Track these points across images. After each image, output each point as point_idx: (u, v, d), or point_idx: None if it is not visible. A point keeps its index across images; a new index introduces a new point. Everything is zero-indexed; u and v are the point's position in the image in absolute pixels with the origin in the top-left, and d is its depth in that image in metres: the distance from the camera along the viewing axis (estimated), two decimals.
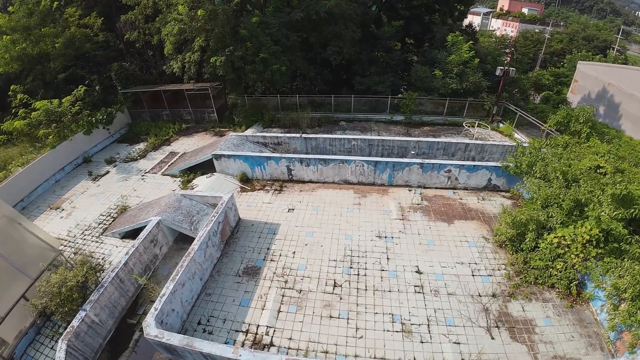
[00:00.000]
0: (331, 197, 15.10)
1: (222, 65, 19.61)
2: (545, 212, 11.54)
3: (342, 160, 15.02)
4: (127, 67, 25.98)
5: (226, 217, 13.08)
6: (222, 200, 13.19)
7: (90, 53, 26.22)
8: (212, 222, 12.18)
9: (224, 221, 12.91)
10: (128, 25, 24.60)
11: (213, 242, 12.16)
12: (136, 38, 24.05)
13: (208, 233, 11.87)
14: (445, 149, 16.54)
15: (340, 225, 13.50)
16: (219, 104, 23.48)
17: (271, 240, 13.11)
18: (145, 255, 12.47)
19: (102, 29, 26.32)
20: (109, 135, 23.25)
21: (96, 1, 28.51)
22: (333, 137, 17.01)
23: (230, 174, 16.83)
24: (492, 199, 14.62)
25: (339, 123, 21.55)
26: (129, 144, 22.64)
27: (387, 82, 22.62)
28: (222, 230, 12.80)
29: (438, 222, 13.36)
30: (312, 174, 15.71)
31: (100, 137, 22.56)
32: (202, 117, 23.87)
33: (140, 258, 12.23)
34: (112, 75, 25.63)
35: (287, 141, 17.76)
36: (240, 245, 13.06)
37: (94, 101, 24.65)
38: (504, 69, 19.94)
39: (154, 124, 24.34)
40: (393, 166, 14.72)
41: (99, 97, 25.22)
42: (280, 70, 20.36)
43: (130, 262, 11.74)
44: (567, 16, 72.21)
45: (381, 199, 14.72)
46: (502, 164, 14.20)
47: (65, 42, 24.04)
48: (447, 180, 14.85)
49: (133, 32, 24.06)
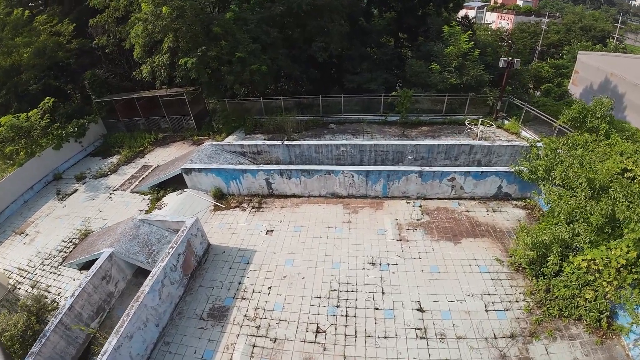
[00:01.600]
0: (317, 214, 12.68)
1: (195, 67, 17.21)
2: (570, 228, 9.16)
3: (328, 170, 12.61)
4: (100, 74, 23.65)
5: (189, 246, 10.72)
6: (184, 227, 10.82)
7: (63, 62, 23.95)
8: (170, 256, 9.83)
9: (186, 252, 10.55)
10: (99, 29, 22.25)
11: (172, 279, 9.81)
12: (105, 43, 21.68)
13: (163, 270, 9.52)
14: (447, 152, 14.11)
15: (326, 250, 11.10)
16: (196, 110, 21.07)
17: (244, 272, 10.72)
18: (97, 295, 10.16)
19: (75, 35, 24.04)
20: (82, 149, 20.95)
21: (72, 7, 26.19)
22: (319, 144, 14.60)
23: (203, 190, 14.45)
24: (503, 210, 12.19)
25: (329, 126, 19.13)
26: (102, 158, 20.32)
27: (380, 79, 20.17)
28: (184, 263, 10.44)
29: (442, 242, 10.94)
30: (295, 188, 13.31)
31: (73, 151, 20.26)
32: (179, 125, 21.47)
33: (90, 299, 9.93)
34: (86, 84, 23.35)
35: (267, 149, 15.35)
36: (207, 279, 10.69)
37: (69, 112, 22.40)
38: (507, 60, 17.48)
39: (129, 134, 21.99)
40: (387, 176, 12.31)
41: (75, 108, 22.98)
42: (260, 70, 17.93)
43: (77, 306, 9.51)
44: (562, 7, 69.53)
45: (375, 214, 12.30)
46: (514, 168, 11.76)
47: (35, 51, 21.84)
48: (450, 189, 12.43)
49: (102, 37, 21.71)
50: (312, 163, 15.06)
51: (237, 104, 20.76)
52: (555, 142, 12.12)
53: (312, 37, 19.15)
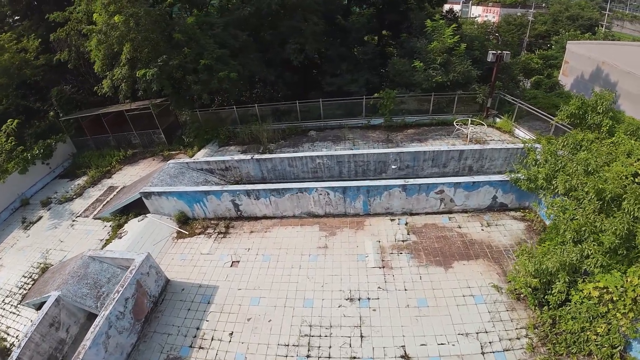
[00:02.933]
0: (290, 238, 11.01)
1: (156, 78, 15.52)
2: (578, 249, 7.58)
3: (300, 188, 10.95)
4: (67, 90, 21.90)
5: (140, 287, 9.07)
6: (133, 266, 9.17)
7: (31, 79, 22.20)
8: (115, 302, 8.23)
9: (137, 294, 8.90)
10: (61, 43, 20.52)
11: (120, 327, 8.21)
12: (67, 57, 19.94)
13: (107, 319, 7.90)
14: (435, 159, 12.46)
15: (297, 283, 9.43)
16: (166, 123, 19.33)
17: (203, 314, 9.06)
18: (46, 344, 8.70)
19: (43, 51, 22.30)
20: (50, 171, 19.10)
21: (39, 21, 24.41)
22: (293, 157, 12.92)
23: (166, 214, 12.75)
24: (500, 223, 10.57)
25: (308, 133, 17.47)
26: (69, 180, 18.48)
27: (362, 80, 18.51)
28: (135, 307, 8.80)
29: (431, 268, 9.30)
30: (266, 209, 11.64)
31: (40, 173, 18.41)
32: (150, 140, 19.70)
33: (39, 348, 8.51)
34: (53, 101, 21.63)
35: (236, 165, 13.66)
36: (163, 323, 9.03)
37: (39, 132, 20.67)
38: (496, 54, 15.86)
39: (98, 152, 20.21)
40: (367, 191, 10.65)
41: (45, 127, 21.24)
42: (229, 78, 16.23)
43: (24, 357, 8.10)
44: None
45: (355, 236, 10.64)
46: (510, 177, 10.15)
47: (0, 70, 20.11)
48: (439, 203, 10.79)
49: (63, 51, 19.98)
50: (286, 178, 13.39)
51: (211, 115, 19.05)
52: (555, 143, 10.53)
53: (286, 39, 17.47)
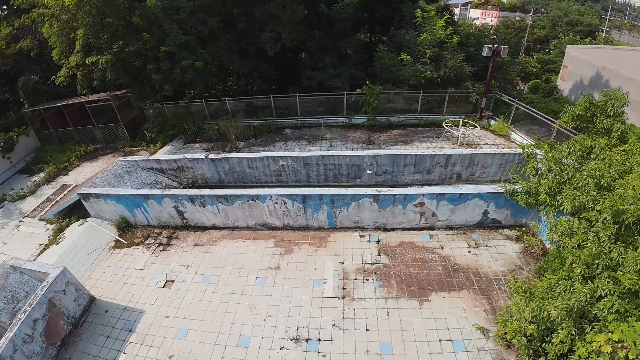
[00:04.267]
0: (238, 255, 8.96)
1: (110, 67, 13.53)
2: (588, 288, 5.63)
3: (252, 196, 8.90)
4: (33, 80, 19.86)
5: (53, 307, 7.15)
6: (46, 282, 7.27)
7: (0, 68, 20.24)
8: (21, 323, 6.47)
9: (49, 314, 6.99)
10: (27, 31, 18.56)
11: (28, 351, 6.50)
12: (30, 46, 17.96)
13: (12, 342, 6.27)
14: (417, 164, 10.44)
15: (236, 314, 7.39)
16: (128, 117, 17.30)
17: (122, 345, 7.16)
18: None
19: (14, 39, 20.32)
20: (11, 165, 17.22)
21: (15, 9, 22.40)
22: (252, 157, 10.87)
23: (107, 220, 10.73)
24: (490, 244, 8.55)
25: (283, 131, 15.43)
26: (29, 175, 16.55)
27: (345, 75, 16.49)
28: (48, 329, 6.93)
29: (403, 301, 7.27)
30: (214, 217, 9.60)
31: (1, 168, 16.60)
32: (113, 135, 17.67)
33: None
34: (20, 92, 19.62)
35: (189, 165, 11.63)
36: (79, 350, 7.27)
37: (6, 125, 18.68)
38: (493, 48, 13.87)
39: (60, 147, 18.26)
40: (332, 201, 8.61)
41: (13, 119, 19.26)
42: (194, 67, 14.21)
43: None
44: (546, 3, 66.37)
45: (314, 255, 8.59)
46: (505, 188, 8.14)
47: None
48: (419, 217, 8.76)
49: (26, 39, 18.01)
50: (246, 181, 11.36)
51: (180, 109, 17.00)
52: (559, 149, 8.54)
53: (262, 27, 15.44)
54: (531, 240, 8.11)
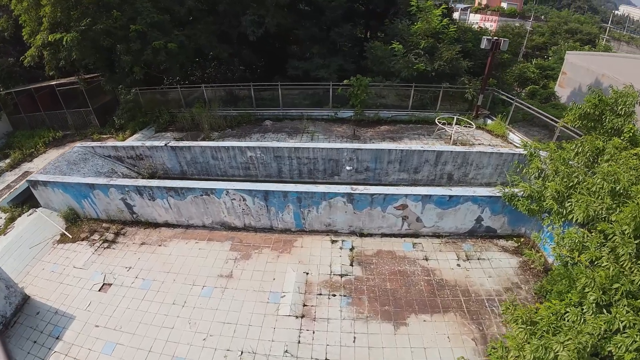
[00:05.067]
0: (186, 258, 7.50)
1: (76, 46, 12.14)
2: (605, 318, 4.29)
3: (206, 189, 7.45)
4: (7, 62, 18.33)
5: None
6: None
7: None
8: None
9: None
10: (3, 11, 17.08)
11: None
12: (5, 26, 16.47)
13: None
14: (404, 161, 9.03)
15: (173, 329, 5.97)
16: (100, 102, 15.81)
17: (47, 354, 5.94)
18: None
19: None
20: None
21: None
22: (216, 146, 9.42)
23: (56, 210, 9.29)
24: (483, 257, 7.14)
25: (263, 123, 13.98)
26: None
27: (334, 65, 15.07)
28: None
29: (374, 324, 5.84)
30: (166, 213, 8.13)
31: None
32: (83, 121, 16.16)
33: None
34: None
35: (148, 153, 10.16)
36: None
37: None
38: (492, 40, 12.53)
39: (30, 132, 16.81)
40: (298, 199, 7.17)
41: None
42: (167, 49, 12.76)
43: None
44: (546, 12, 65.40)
45: (275, 262, 7.14)
46: (503, 192, 6.75)
47: None
48: (401, 222, 7.34)
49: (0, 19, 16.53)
50: (211, 174, 9.91)
51: (155, 95, 15.51)
52: (568, 149, 7.20)
53: (245, 10, 13.99)
54: (531, 254, 6.71)
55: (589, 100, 8.58)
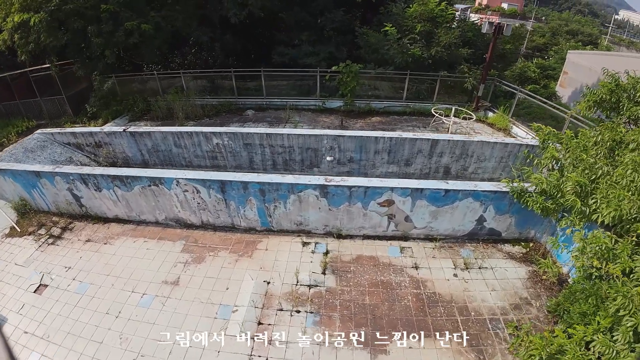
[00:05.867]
0: (131, 259, 6.15)
1: (45, 27, 10.91)
2: None
3: (154, 179, 6.10)
4: None
5: None
6: None
7: None
8: None
9: None
10: None
11: None
12: None
13: None
14: (393, 151, 7.66)
15: (100, 345, 4.72)
16: (72, 90, 14.54)
17: None
18: None
19: None
20: None
21: None
22: (178, 132, 8.06)
23: (9, 201, 7.97)
24: (486, 265, 5.76)
25: (245, 112, 12.65)
26: None
27: (324, 53, 13.73)
28: None
29: (346, 352, 4.46)
30: (115, 206, 6.79)
31: None
32: (58, 110, 14.86)
33: None
34: None
35: (107, 140, 8.81)
36: None
37: None
38: (495, 23, 11.18)
39: (7, 121, 15.58)
40: (261, 192, 5.81)
41: None
42: (140, 30, 11.44)
43: None
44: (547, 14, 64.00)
45: (232, 268, 5.77)
46: (511, 186, 5.40)
47: None
48: (387, 222, 5.97)
49: None
50: (174, 164, 8.56)
51: (134, 83, 14.19)
52: (587, 136, 5.89)
53: None
54: (547, 265, 5.33)
55: (604, 85, 7.18)
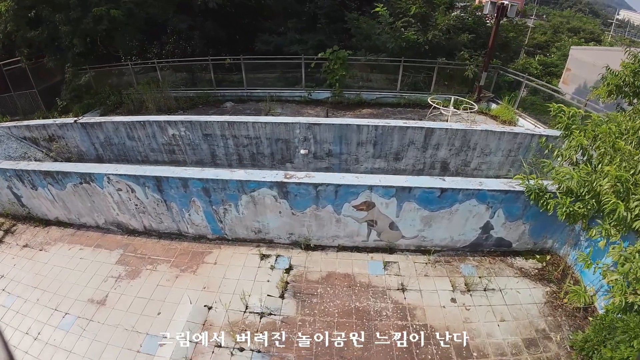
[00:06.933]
0: (62, 270, 4.92)
1: (11, 16, 9.82)
2: None
3: (84, 175, 4.80)
4: None
5: None
6: None
7: None
8: None
9: None
10: None
11: None
12: None
13: None
14: (379, 142, 6.29)
15: None
16: (45, 84, 13.29)
17: None
18: None
19: None
20: None
21: None
22: (131, 121, 6.74)
23: None
24: (492, 287, 4.37)
25: (223, 104, 11.33)
26: None
27: (313, 41, 12.38)
28: None
29: None
30: (53, 207, 5.52)
31: None
32: (31, 105, 13.63)
33: None
34: None
35: (59, 133, 7.51)
36: None
37: None
38: (497, 4, 9.77)
39: None
40: (205, 192, 4.47)
41: None
42: (110, 16, 10.18)
43: None
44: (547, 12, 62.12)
45: (171, 286, 4.44)
46: (527, 184, 4.02)
47: None
48: (366, 230, 4.60)
49: None
50: (129, 158, 7.25)
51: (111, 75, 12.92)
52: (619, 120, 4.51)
53: None
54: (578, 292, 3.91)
55: (627, 66, 5.73)
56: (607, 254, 3.81)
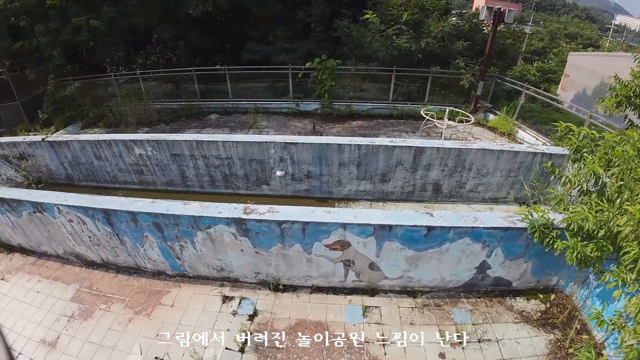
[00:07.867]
0: (19, 303, 4.39)
1: None
2: None
3: (36, 204, 4.20)
4: None
5: None
6: None
7: None
8: None
9: None
10: None
11: None
12: None
13: None
14: (363, 163, 5.65)
15: None
16: (27, 96, 12.74)
17: None
18: None
19: None
20: None
21: None
22: (97, 140, 6.11)
23: None
24: (488, 337, 3.68)
25: (207, 117, 10.73)
26: None
27: (302, 50, 11.81)
28: None
29: None
30: (14, 234, 4.93)
31: None
32: (14, 117, 13.10)
33: None
34: None
35: (29, 151, 6.93)
36: None
37: None
38: (494, 10, 9.19)
39: None
40: (157, 227, 3.84)
41: None
42: (90, 27, 9.69)
43: None
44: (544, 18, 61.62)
45: (122, 332, 3.77)
46: (531, 221, 3.36)
47: None
48: (343, 270, 3.95)
49: None
50: (98, 179, 6.64)
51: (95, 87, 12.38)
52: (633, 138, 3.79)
53: None
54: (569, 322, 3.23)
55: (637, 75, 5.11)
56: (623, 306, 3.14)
